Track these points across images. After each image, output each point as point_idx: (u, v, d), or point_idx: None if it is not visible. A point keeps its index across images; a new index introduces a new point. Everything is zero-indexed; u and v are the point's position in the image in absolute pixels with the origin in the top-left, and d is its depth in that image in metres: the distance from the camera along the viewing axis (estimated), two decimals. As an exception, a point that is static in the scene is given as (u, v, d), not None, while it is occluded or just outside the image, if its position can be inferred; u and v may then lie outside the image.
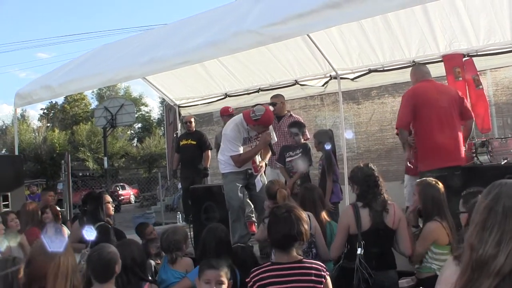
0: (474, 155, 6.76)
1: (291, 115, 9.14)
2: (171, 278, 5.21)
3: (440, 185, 5.23)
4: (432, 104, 6.80)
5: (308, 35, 8.98)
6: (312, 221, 5.37)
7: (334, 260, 5.27)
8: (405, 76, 8.48)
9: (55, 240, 3.59)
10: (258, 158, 7.36)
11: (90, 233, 5.90)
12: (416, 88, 7.02)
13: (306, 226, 4.02)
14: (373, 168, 5.17)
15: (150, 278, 5.95)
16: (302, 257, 3.99)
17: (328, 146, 7.78)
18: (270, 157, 8.22)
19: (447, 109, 6.82)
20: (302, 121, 8.82)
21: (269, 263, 4.01)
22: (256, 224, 9.33)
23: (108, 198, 7.07)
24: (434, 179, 5.38)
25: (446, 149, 6.70)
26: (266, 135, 7.15)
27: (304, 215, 4.11)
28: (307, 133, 8.67)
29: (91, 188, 29.05)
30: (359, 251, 4.83)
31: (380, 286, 4.79)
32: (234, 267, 4.96)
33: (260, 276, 3.84)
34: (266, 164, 7.54)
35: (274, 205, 5.91)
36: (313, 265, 3.89)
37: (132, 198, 40.39)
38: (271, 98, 9.19)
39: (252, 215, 8.98)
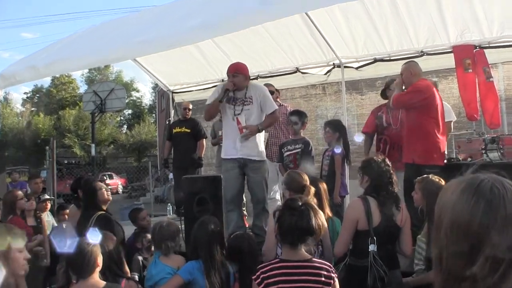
0: (484, 151, 6.77)
1: (281, 105, 9.24)
2: (161, 273, 5.15)
3: (443, 182, 5.20)
4: (439, 102, 7.16)
5: (311, 20, 8.95)
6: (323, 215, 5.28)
7: (336, 258, 5.21)
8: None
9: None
10: (243, 121, 7.34)
11: (95, 236, 5.84)
12: (429, 84, 7.17)
13: (323, 220, 4.01)
14: (389, 163, 5.15)
15: (136, 274, 5.95)
16: (311, 256, 3.95)
17: (338, 150, 7.80)
18: (268, 147, 8.24)
19: (443, 112, 7.24)
20: (290, 108, 9.03)
21: (277, 259, 3.98)
22: (247, 217, 9.37)
23: (100, 184, 7.03)
24: (436, 176, 5.40)
25: (442, 148, 7.08)
26: (226, 83, 7.44)
27: (319, 210, 4.08)
28: (306, 123, 8.67)
29: (76, 176, 29.03)
30: (372, 247, 4.77)
31: (388, 286, 4.76)
32: (226, 263, 4.94)
33: (269, 273, 3.80)
34: (259, 129, 7.43)
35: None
36: (323, 265, 3.85)
37: (120, 188, 40.35)
38: None
39: (243, 208, 8.98)
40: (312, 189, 5.48)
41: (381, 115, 8.22)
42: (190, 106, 11.45)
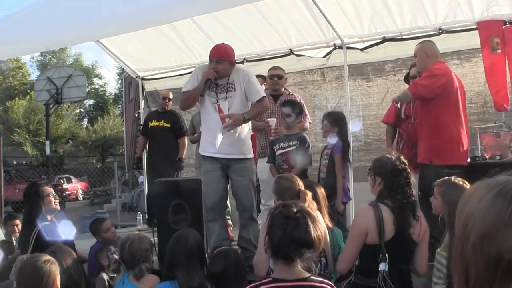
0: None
1: (290, 93, 9.09)
2: (130, 296, 5.12)
3: (468, 185, 5.07)
4: (461, 90, 7.10)
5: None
6: (323, 223, 5.18)
7: (339, 275, 5.18)
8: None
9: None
10: (225, 109, 7.21)
11: (68, 230, 5.75)
12: (446, 67, 7.13)
13: (322, 230, 3.89)
14: (406, 162, 5.07)
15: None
16: (309, 274, 3.81)
17: (332, 140, 7.78)
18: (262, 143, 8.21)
19: (464, 101, 7.18)
20: (301, 99, 8.88)
21: (269, 279, 3.85)
22: (232, 227, 9.32)
23: (48, 189, 6.96)
24: (460, 178, 5.30)
25: (465, 144, 6.99)
26: (208, 71, 7.20)
27: (318, 217, 3.98)
28: (307, 115, 8.65)
29: (28, 180, 28.90)
30: (382, 266, 4.69)
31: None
32: (207, 283, 4.91)
33: None
34: (245, 119, 7.26)
35: None
36: (324, 285, 3.76)
37: (80, 194, 40.27)
38: (270, 70, 9.05)
39: (228, 217, 8.93)
40: (309, 194, 5.38)
41: (401, 104, 8.16)
42: (171, 96, 11.37)
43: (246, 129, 7.50)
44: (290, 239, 3.67)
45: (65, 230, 5.24)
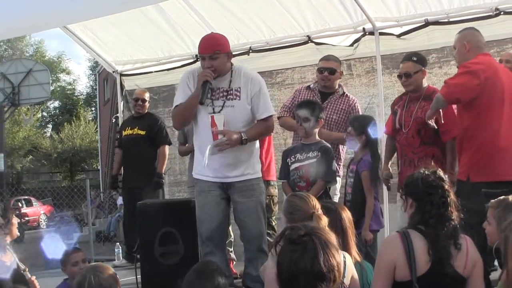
0: None
1: (344, 93, 8.81)
2: None
3: None
4: (508, 90, 6.91)
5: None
6: (349, 265, 4.96)
7: None
8: (483, 32, 8.28)
9: None
10: (220, 122, 6.93)
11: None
12: (489, 60, 7.07)
13: (338, 258, 3.69)
14: (443, 177, 4.98)
15: None
16: None
17: (374, 133, 7.61)
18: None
19: None
20: (356, 103, 8.74)
21: None
22: (235, 262, 9.28)
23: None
24: None
25: None
26: (202, 72, 6.87)
27: (334, 240, 3.89)
28: (323, 120, 8.45)
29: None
30: None
31: None
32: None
33: None
34: (242, 140, 6.79)
35: None
36: None
37: (43, 220, 40.13)
38: (320, 61, 8.80)
39: (230, 249, 8.88)
40: (324, 220, 5.21)
41: (397, 111, 8.03)
42: (146, 96, 11.07)
43: (253, 147, 7.29)
44: (297, 270, 3.50)
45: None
